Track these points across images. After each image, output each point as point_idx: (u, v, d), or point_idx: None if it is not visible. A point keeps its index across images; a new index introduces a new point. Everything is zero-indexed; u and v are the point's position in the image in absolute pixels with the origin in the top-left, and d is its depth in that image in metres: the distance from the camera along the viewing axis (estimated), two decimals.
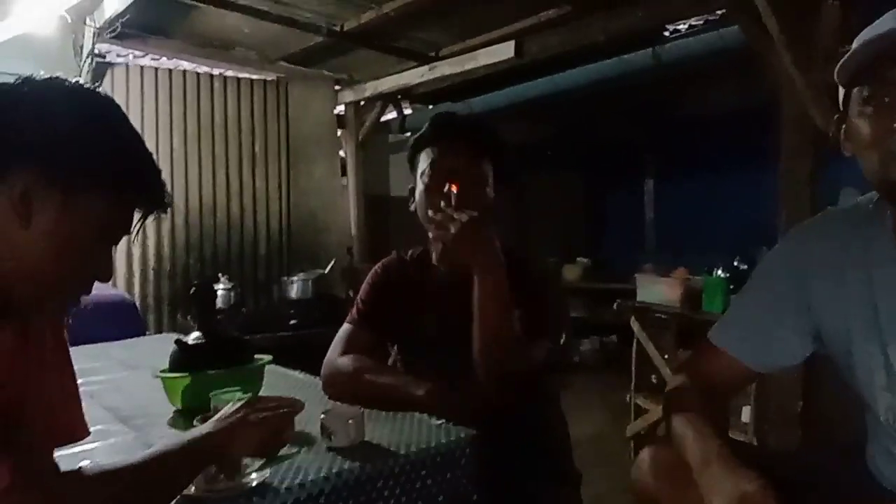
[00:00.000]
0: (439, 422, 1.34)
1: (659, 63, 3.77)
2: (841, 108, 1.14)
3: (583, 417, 3.59)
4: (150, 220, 1.01)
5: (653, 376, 3.48)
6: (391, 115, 5.63)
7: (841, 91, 1.13)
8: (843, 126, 1.13)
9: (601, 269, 6.69)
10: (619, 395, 3.84)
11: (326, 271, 4.44)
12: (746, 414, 3.01)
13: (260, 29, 4.16)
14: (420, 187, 1.63)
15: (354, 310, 1.76)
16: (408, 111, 5.81)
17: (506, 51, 4.02)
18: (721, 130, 5.51)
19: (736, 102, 5.00)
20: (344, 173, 5.47)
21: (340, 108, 5.47)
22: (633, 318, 3.47)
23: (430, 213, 1.56)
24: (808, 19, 2.66)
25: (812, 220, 1.33)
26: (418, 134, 1.67)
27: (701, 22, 3.59)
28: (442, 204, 1.52)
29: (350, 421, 1.21)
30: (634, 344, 3.51)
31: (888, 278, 1.11)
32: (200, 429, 1.00)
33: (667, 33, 3.66)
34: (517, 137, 6.59)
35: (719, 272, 3.27)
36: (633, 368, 3.52)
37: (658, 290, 3.39)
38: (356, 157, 5.38)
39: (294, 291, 4.35)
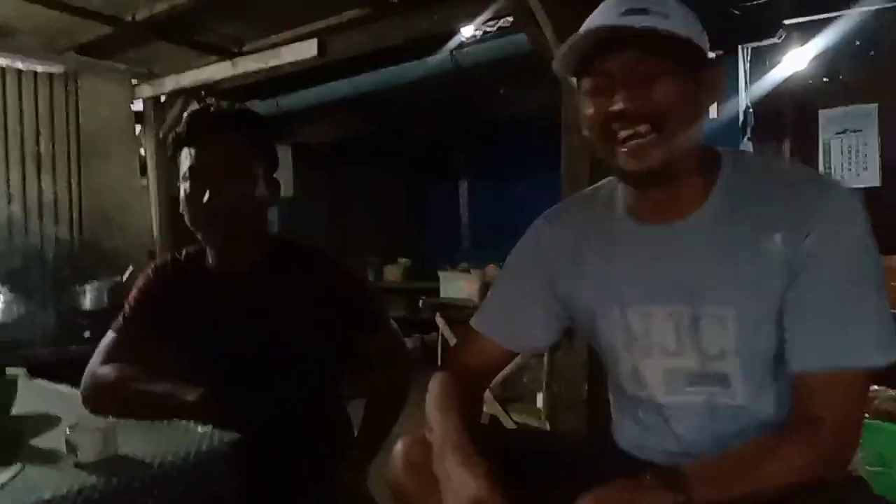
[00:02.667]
0: (204, 429, 1.30)
1: (458, 67, 3.91)
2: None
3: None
4: None
5: None
6: None
7: (574, 82, 1.21)
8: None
9: (421, 269, 6.80)
10: None
11: (124, 279, 4.15)
12: (540, 400, 3.20)
13: (43, 15, 3.79)
14: (182, 192, 1.56)
15: (120, 316, 1.68)
16: None
17: (309, 49, 3.97)
18: (523, 131, 5.76)
19: (532, 104, 5.23)
20: (144, 173, 5.14)
21: (140, 105, 5.14)
22: (437, 315, 3.57)
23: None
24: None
25: (554, 208, 1.44)
26: (174, 133, 1.60)
27: (494, 29, 3.76)
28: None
29: (97, 433, 1.15)
30: (440, 339, 3.61)
31: (626, 248, 1.23)
32: None
33: (464, 38, 3.79)
34: (333, 136, 6.57)
35: None
36: (440, 362, 3.63)
37: (458, 286, 3.53)
38: (157, 156, 5.06)
39: (87, 301, 4.03)
